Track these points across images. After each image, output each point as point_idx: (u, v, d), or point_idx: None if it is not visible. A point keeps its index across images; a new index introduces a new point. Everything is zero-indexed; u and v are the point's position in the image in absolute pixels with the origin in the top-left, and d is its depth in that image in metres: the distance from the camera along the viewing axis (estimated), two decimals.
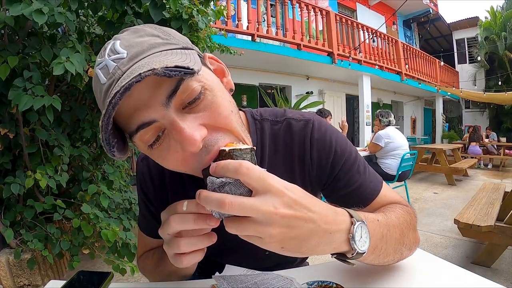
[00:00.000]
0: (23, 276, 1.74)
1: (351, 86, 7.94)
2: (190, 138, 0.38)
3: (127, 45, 0.40)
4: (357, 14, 9.80)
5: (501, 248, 2.28)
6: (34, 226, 1.74)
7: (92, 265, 2.27)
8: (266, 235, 0.34)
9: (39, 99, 1.40)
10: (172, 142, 0.41)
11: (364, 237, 0.43)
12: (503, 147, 8.36)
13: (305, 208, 0.36)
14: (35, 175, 1.53)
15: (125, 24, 1.68)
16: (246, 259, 0.66)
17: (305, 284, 0.53)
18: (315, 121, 0.61)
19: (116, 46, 0.40)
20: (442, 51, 10.23)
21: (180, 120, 0.39)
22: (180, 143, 0.39)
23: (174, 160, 0.42)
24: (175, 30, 0.48)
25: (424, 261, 0.64)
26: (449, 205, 4.20)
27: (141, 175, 0.66)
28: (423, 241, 2.93)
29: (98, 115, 1.96)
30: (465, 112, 13.35)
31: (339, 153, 0.60)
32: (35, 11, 1.26)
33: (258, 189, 0.35)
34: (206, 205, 0.36)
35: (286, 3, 5.71)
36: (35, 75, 1.46)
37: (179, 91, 0.39)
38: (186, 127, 0.38)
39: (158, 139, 0.41)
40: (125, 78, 0.35)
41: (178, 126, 0.38)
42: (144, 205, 0.67)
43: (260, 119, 0.63)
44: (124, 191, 2.33)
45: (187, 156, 0.41)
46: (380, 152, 3.80)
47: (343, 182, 0.60)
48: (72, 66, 1.36)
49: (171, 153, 0.41)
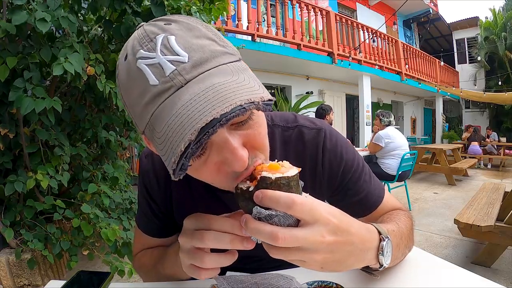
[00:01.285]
0: (23, 276, 1.74)
1: (351, 86, 7.94)
2: (241, 159, 0.37)
3: (187, 47, 0.36)
4: (357, 14, 9.80)
5: (501, 248, 2.28)
6: (34, 226, 1.74)
7: (92, 265, 2.27)
8: (311, 260, 0.36)
9: (40, 102, 1.40)
10: (214, 157, 0.38)
11: (389, 252, 0.46)
12: (503, 147, 8.36)
13: (346, 232, 0.38)
14: (36, 175, 1.53)
15: (124, 23, 1.67)
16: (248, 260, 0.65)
17: (305, 284, 0.53)
18: (326, 130, 0.62)
19: (172, 43, 0.36)
20: (442, 51, 10.23)
21: (231, 138, 0.37)
22: (229, 161, 0.37)
23: (209, 172, 0.40)
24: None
25: (424, 261, 0.64)
26: (449, 205, 4.21)
27: (145, 172, 0.64)
28: (423, 241, 2.93)
29: (98, 115, 1.96)
30: (465, 112, 13.35)
31: (349, 163, 0.62)
32: (39, 20, 1.27)
33: (307, 220, 0.36)
34: (255, 235, 0.35)
35: (286, 3, 5.71)
36: (35, 76, 1.46)
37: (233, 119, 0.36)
38: (238, 147, 0.37)
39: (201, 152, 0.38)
40: (214, 102, 0.32)
41: (231, 145, 0.37)
42: (146, 202, 0.65)
43: (271, 124, 0.62)
44: (124, 191, 2.32)
45: (227, 175, 0.39)
46: (380, 152, 3.80)
47: (353, 191, 0.63)
48: (71, 66, 1.37)
49: (208, 165, 0.39)
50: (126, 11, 1.69)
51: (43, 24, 1.29)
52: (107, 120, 1.95)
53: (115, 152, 2.26)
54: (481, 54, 11.35)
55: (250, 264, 0.64)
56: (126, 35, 1.72)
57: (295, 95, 6.92)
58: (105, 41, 1.95)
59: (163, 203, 0.64)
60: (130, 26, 1.68)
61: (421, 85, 8.78)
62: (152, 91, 0.35)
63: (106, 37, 1.93)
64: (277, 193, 0.34)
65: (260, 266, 0.64)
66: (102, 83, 1.58)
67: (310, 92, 7.00)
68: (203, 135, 0.31)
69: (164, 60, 0.35)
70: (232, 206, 0.58)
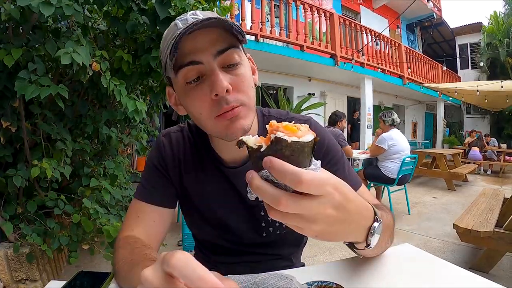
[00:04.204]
0: (21, 271, 1.74)
1: (353, 89, 7.94)
2: (221, 82, 0.52)
3: (204, 14, 0.56)
4: (360, 16, 9.80)
5: (500, 254, 2.28)
6: (34, 220, 1.74)
7: (90, 261, 2.28)
8: (308, 229, 0.37)
9: (45, 89, 1.38)
10: (205, 87, 0.54)
11: (378, 234, 0.48)
12: (503, 153, 8.36)
13: (348, 210, 0.39)
14: (41, 164, 1.52)
15: (129, 21, 1.68)
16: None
17: (305, 284, 0.53)
18: (312, 121, 0.74)
19: (196, 12, 0.56)
20: (444, 56, 10.22)
21: (219, 72, 0.53)
22: (212, 84, 0.53)
23: (201, 102, 0.55)
24: None
25: (424, 261, 0.65)
26: (448, 210, 4.20)
27: (161, 146, 0.72)
28: (422, 245, 2.92)
29: (100, 111, 1.97)
30: (466, 118, 13.35)
31: (330, 148, 0.72)
32: (43, 2, 1.24)
33: (313, 193, 0.35)
34: (259, 194, 0.35)
35: (290, 4, 5.72)
36: (39, 67, 1.44)
37: (226, 52, 0.54)
38: (220, 75, 0.53)
39: (196, 81, 0.55)
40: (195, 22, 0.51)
41: (216, 72, 0.53)
42: (157, 172, 0.70)
43: (268, 115, 0.75)
44: (124, 188, 2.33)
45: (212, 100, 0.54)
46: (382, 155, 3.76)
47: None
48: (79, 56, 1.35)
49: (200, 95, 0.55)
50: (132, 9, 1.69)
51: (47, 8, 1.24)
52: (108, 116, 1.95)
53: (115, 149, 2.26)
54: (483, 60, 11.34)
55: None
56: (132, 32, 1.72)
57: (296, 96, 6.92)
58: (110, 36, 1.96)
59: (176, 177, 0.71)
60: (135, 23, 1.68)
61: (423, 89, 8.77)
62: (177, 33, 0.52)
63: (111, 33, 1.94)
64: (285, 167, 0.33)
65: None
66: (107, 79, 1.58)
67: (312, 93, 7.00)
68: (187, 28, 0.50)
69: (189, 17, 0.55)
70: (237, 183, 0.70)
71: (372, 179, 3.85)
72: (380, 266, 0.62)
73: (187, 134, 0.74)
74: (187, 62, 0.53)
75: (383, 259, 0.64)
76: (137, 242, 0.61)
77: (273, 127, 0.35)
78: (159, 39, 1.90)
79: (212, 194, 0.71)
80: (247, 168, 0.69)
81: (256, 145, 0.35)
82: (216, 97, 0.53)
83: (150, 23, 1.72)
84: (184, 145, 0.72)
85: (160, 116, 5.86)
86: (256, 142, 0.35)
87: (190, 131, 0.74)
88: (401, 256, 0.67)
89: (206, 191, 0.71)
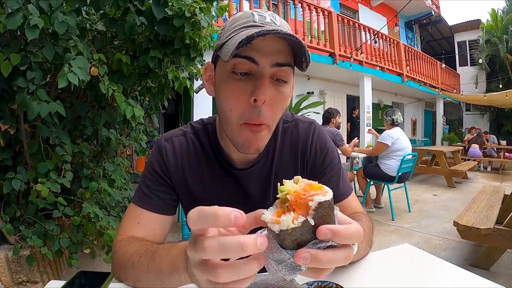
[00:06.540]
0: (22, 273, 1.74)
1: (352, 87, 7.93)
2: (265, 90, 0.53)
3: (282, 21, 0.58)
4: (359, 15, 9.79)
5: (500, 251, 2.29)
6: (34, 223, 1.74)
7: (91, 263, 2.28)
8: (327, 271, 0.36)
9: (45, 106, 1.43)
10: (248, 85, 0.54)
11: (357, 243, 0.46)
12: (503, 150, 8.36)
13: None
14: (36, 186, 1.55)
15: (127, 22, 1.67)
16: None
17: (305, 284, 0.53)
18: (317, 124, 0.77)
19: (275, 16, 0.58)
20: (443, 53, 10.18)
21: (268, 79, 0.54)
22: (256, 87, 0.53)
23: (238, 99, 0.55)
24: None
25: (424, 261, 0.65)
26: (448, 207, 4.21)
27: (163, 152, 0.70)
28: (422, 242, 2.93)
29: (99, 112, 1.96)
30: (466, 115, 13.35)
31: (330, 152, 0.75)
32: (30, 27, 1.28)
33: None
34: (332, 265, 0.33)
35: (288, 2, 5.71)
36: (37, 76, 1.46)
37: (283, 67, 0.55)
38: (267, 83, 0.54)
39: (243, 75, 0.54)
40: (278, 29, 0.51)
41: (265, 78, 0.53)
42: (158, 177, 0.69)
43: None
44: (124, 189, 2.32)
45: (249, 103, 0.54)
46: (383, 152, 3.76)
47: (325, 178, 0.73)
48: (75, 76, 1.39)
49: (240, 90, 0.55)
50: (130, 10, 1.69)
51: (32, 32, 1.30)
52: (107, 117, 1.95)
53: (114, 150, 2.26)
54: (482, 57, 11.33)
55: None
56: (130, 33, 1.72)
57: (295, 95, 6.90)
58: (109, 37, 1.95)
59: (178, 183, 0.70)
60: (133, 24, 1.68)
61: (421, 87, 8.78)
62: (252, 23, 0.54)
63: (109, 33, 1.93)
64: (350, 230, 0.33)
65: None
66: (105, 85, 1.58)
67: (311, 92, 6.99)
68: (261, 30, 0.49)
69: (268, 17, 0.56)
70: (247, 185, 0.70)
71: (372, 177, 3.84)
72: (380, 266, 0.62)
73: (191, 138, 0.72)
74: (245, 55, 0.53)
75: (383, 259, 0.64)
76: (140, 239, 0.62)
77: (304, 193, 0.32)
78: (157, 39, 1.90)
79: (222, 198, 0.69)
80: (257, 170, 0.70)
81: (299, 222, 0.31)
82: (255, 102, 0.53)
83: (147, 23, 1.71)
84: (188, 150, 0.70)
85: (159, 116, 5.86)
86: (291, 219, 0.31)
87: (194, 134, 0.72)
88: (401, 256, 0.67)
89: (215, 195, 0.70)
